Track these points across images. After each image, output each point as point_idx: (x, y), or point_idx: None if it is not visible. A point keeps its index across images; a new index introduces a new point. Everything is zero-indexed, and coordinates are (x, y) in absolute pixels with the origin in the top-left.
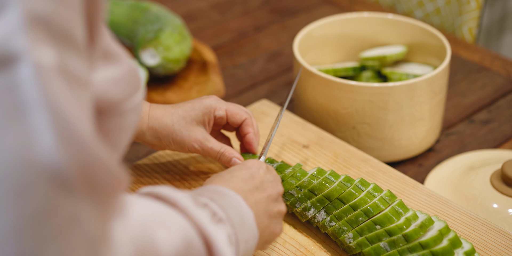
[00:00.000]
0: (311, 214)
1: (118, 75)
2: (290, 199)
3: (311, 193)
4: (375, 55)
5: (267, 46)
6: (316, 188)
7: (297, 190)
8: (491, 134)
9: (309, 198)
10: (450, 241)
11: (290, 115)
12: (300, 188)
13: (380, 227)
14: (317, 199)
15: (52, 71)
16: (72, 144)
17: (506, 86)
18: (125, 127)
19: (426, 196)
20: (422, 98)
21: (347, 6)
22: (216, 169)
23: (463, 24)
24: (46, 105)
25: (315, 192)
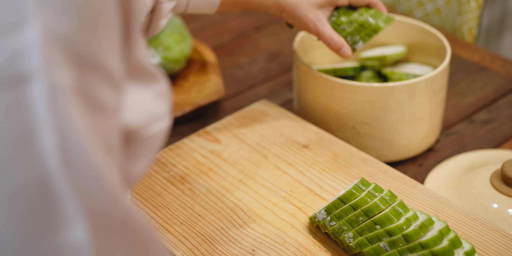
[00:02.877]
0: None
1: (146, 97)
2: None
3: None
4: (375, 55)
5: (267, 46)
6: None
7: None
8: (491, 134)
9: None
10: (450, 241)
11: (290, 115)
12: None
13: (380, 227)
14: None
15: (67, 93)
16: (76, 169)
17: (506, 86)
18: (143, 156)
19: (426, 196)
20: (422, 98)
21: None
22: (216, 169)
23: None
24: (55, 126)
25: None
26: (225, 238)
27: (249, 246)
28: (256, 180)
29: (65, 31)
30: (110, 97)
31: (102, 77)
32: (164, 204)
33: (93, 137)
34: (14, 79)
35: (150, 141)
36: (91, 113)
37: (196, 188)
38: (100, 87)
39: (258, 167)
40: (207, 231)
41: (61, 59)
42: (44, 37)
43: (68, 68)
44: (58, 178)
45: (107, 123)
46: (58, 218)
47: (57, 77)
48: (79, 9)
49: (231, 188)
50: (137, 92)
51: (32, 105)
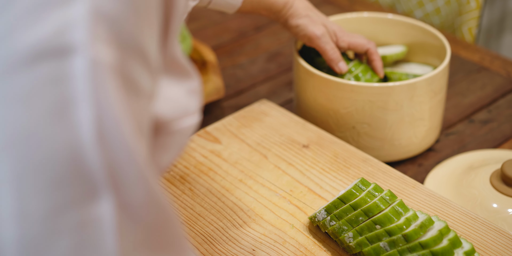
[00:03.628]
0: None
1: (179, 92)
2: None
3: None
4: None
5: (267, 46)
6: None
7: None
8: (490, 134)
9: None
10: (450, 241)
11: (290, 115)
12: None
13: (380, 227)
14: None
15: (108, 70)
16: (110, 145)
17: (506, 86)
18: (170, 149)
19: (426, 196)
20: (422, 98)
21: (347, 6)
22: (216, 169)
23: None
24: (93, 101)
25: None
26: (225, 238)
27: (249, 245)
28: (256, 180)
29: (112, 11)
30: (146, 82)
31: (141, 61)
32: None
33: (128, 116)
34: (58, 51)
35: (178, 135)
36: (127, 93)
37: (196, 188)
38: (138, 70)
39: (258, 167)
40: (207, 231)
41: (106, 37)
42: (92, 14)
43: (111, 46)
44: (91, 151)
45: (140, 106)
46: (86, 191)
47: (99, 54)
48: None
49: (231, 188)
50: (171, 86)
51: (72, 78)
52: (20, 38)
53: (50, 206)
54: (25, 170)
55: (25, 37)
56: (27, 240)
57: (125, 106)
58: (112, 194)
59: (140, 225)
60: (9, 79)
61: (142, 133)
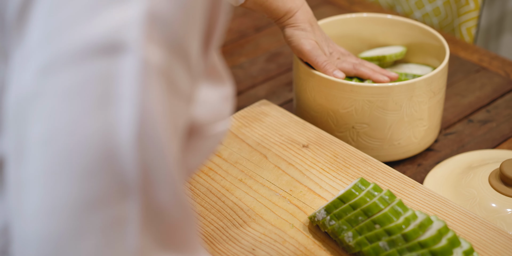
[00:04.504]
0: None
1: (214, 97)
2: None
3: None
4: (374, 55)
5: (267, 46)
6: None
7: None
8: (489, 134)
9: None
10: (449, 241)
11: (290, 115)
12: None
13: (380, 226)
14: None
15: (155, 71)
16: (147, 146)
17: (505, 86)
18: (201, 152)
19: (425, 195)
20: (421, 98)
21: (347, 7)
22: (216, 169)
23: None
24: (137, 101)
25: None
26: (225, 237)
27: (249, 245)
28: (256, 179)
29: (165, 12)
30: (186, 85)
31: (184, 64)
32: None
33: (167, 119)
34: (111, 49)
35: (211, 140)
36: (169, 95)
37: (196, 188)
38: (180, 73)
39: (258, 167)
40: (207, 230)
41: (157, 38)
42: (147, 14)
43: (161, 48)
44: (127, 150)
45: (178, 108)
46: (117, 189)
47: (150, 54)
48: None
49: (231, 187)
50: (208, 91)
51: (120, 76)
52: (76, 33)
53: (80, 202)
54: (60, 166)
55: (80, 32)
56: (52, 237)
57: (165, 109)
58: (141, 193)
59: (162, 225)
60: (61, 72)
61: (176, 135)
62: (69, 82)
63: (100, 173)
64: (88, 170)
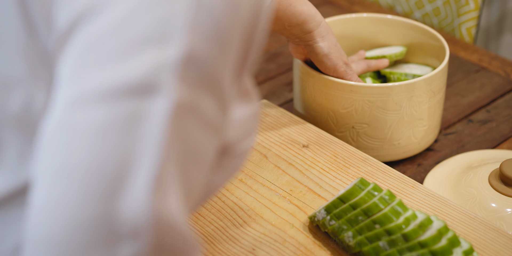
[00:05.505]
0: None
1: (244, 116)
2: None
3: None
4: (374, 55)
5: (267, 46)
6: None
7: None
8: (489, 134)
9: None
10: (449, 240)
11: (290, 115)
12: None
13: (380, 226)
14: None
15: (185, 111)
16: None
17: (505, 86)
18: (228, 170)
19: (425, 195)
20: (421, 98)
21: (347, 7)
22: None
23: (461, 25)
24: (161, 143)
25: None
26: (225, 237)
27: (249, 245)
28: (256, 179)
29: (203, 54)
30: (216, 116)
31: (217, 96)
32: None
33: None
34: (143, 90)
35: (239, 157)
36: (194, 125)
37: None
38: (211, 105)
39: (258, 167)
40: (207, 230)
41: (191, 78)
42: (184, 56)
43: (194, 87)
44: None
45: (205, 139)
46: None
47: (181, 95)
48: (220, 35)
49: (231, 187)
50: (238, 110)
51: (149, 117)
52: (111, 70)
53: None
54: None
55: (115, 70)
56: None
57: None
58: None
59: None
60: (91, 108)
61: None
62: (98, 119)
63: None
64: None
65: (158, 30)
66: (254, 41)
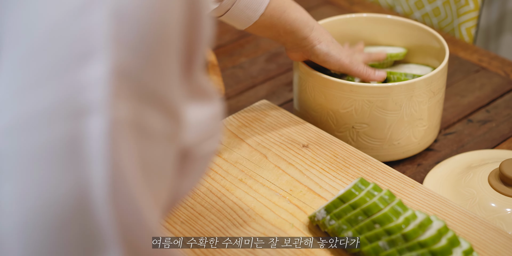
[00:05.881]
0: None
1: (202, 117)
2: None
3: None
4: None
5: (267, 46)
6: None
7: None
8: (489, 134)
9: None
10: (449, 240)
11: (290, 115)
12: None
13: (379, 226)
14: None
15: (125, 127)
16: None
17: (504, 86)
18: (193, 175)
19: (424, 195)
20: (421, 98)
21: (347, 7)
22: (216, 169)
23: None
24: (107, 160)
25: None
26: (225, 237)
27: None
28: (256, 179)
29: (132, 68)
30: (164, 126)
31: (160, 108)
32: None
33: (139, 171)
34: (75, 110)
35: (202, 161)
36: (142, 142)
37: (196, 188)
38: (156, 118)
39: (258, 167)
40: (207, 230)
41: (125, 95)
42: (112, 73)
43: (130, 102)
44: (102, 209)
45: (158, 151)
46: (94, 244)
47: (118, 113)
48: (148, 46)
49: (231, 187)
50: (195, 111)
51: (87, 137)
52: (39, 94)
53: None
54: (33, 225)
55: (44, 94)
56: None
57: (137, 160)
58: (122, 246)
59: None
60: (26, 134)
61: (158, 177)
62: (35, 144)
63: (75, 232)
64: (63, 230)
65: (79, 48)
66: (198, 39)
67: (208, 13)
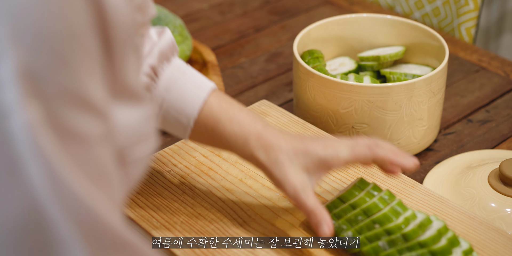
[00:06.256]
0: None
1: (132, 119)
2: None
3: None
4: (370, 55)
5: (267, 46)
6: None
7: None
8: (488, 134)
9: None
10: (449, 240)
11: (290, 115)
12: None
13: (379, 226)
14: None
15: (44, 127)
16: (65, 198)
17: (504, 86)
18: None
19: (424, 195)
20: (420, 98)
21: (347, 7)
22: (216, 169)
23: (461, 25)
24: (38, 160)
25: None
26: (225, 237)
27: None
28: (256, 179)
29: (39, 67)
30: (90, 126)
31: (82, 108)
32: (165, 203)
33: (74, 167)
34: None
35: (134, 165)
36: (70, 143)
37: (196, 188)
38: (79, 118)
39: None
40: (207, 230)
41: (37, 94)
42: (18, 73)
43: (45, 103)
44: (50, 205)
45: (90, 152)
46: (54, 243)
47: (32, 112)
48: (52, 44)
49: (231, 187)
50: (123, 112)
51: (13, 139)
52: None
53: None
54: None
55: None
56: None
57: (68, 158)
58: (83, 242)
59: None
60: None
61: (99, 178)
62: None
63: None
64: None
65: None
66: (114, 40)
67: (122, 14)
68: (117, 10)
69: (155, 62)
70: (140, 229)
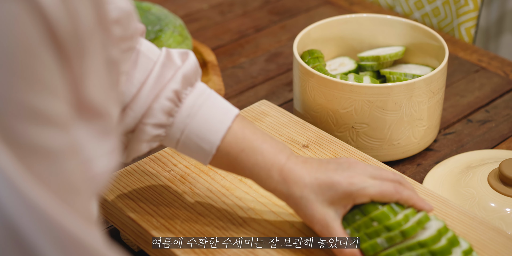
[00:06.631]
0: None
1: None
2: None
3: None
4: (370, 56)
5: (267, 46)
6: None
7: None
8: (488, 134)
9: None
10: (448, 240)
11: (290, 115)
12: None
13: (377, 223)
14: None
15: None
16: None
17: (504, 86)
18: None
19: (424, 195)
20: (420, 98)
21: (347, 7)
22: (216, 169)
23: (461, 25)
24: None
25: None
26: (225, 237)
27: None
28: None
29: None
30: (52, 140)
31: (39, 122)
32: (165, 203)
33: (37, 183)
34: None
35: (92, 180)
36: (29, 159)
37: (196, 187)
38: (38, 132)
39: None
40: (207, 230)
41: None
42: None
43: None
44: (23, 223)
45: (55, 166)
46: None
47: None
48: (4, 61)
49: (231, 187)
50: (81, 128)
51: None
52: None
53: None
54: None
55: None
56: None
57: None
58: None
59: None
60: None
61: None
62: None
63: (11, 249)
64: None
65: None
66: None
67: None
68: (60, 20)
69: (178, 87)
70: (140, 229)
